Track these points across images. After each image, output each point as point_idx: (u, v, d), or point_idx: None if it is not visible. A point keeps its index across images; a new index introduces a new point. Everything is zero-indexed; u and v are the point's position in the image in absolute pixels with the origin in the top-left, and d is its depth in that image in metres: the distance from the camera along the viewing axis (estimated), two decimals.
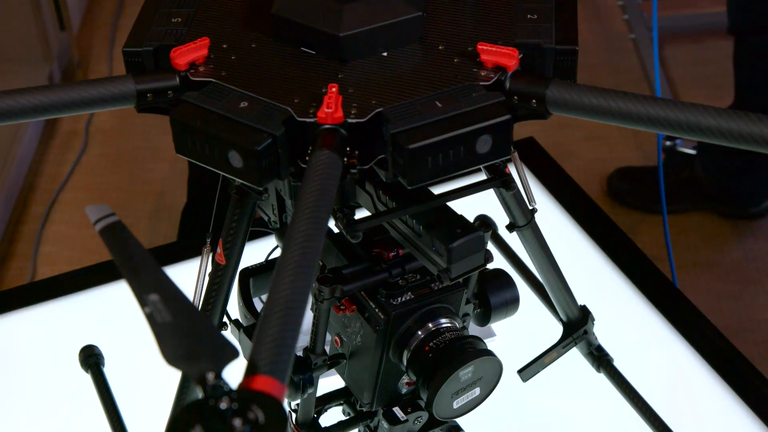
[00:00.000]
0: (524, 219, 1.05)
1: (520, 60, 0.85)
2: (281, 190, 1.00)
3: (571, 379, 1.41)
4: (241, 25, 0.92)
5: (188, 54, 0.86)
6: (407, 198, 0.88)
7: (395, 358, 0.95)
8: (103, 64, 2.91)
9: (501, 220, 1.10)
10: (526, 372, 1.19)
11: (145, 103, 0.86)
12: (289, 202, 1.00)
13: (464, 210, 1.34)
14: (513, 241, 1.22)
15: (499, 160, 0.87)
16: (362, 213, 0.91)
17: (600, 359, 1.26)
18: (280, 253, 0.71)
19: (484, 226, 0.92)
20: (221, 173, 0.83)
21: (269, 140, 0.79)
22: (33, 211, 2.47)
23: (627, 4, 3.03)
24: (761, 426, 1.42)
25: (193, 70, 0.86)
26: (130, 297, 0.65)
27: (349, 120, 0.81)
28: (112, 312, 1.57)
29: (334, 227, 0.92)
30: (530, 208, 1.04)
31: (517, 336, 1.00)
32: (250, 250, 1.05)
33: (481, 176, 0.97)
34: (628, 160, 2.53)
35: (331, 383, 1.07)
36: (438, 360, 0.92)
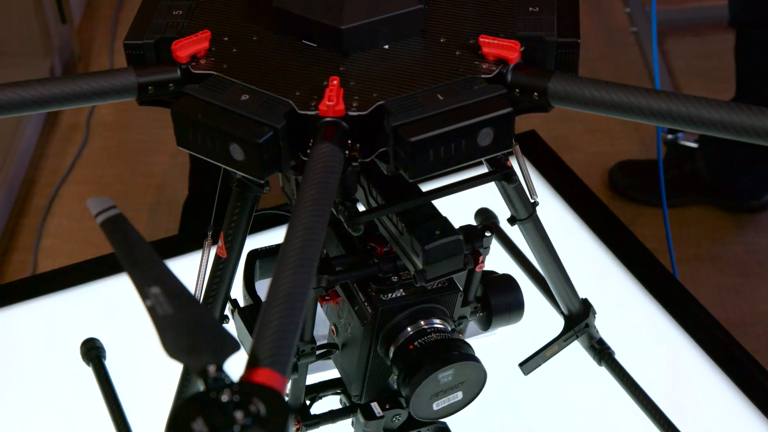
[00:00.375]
0: (526, 212, 1.04)
1: (522, 53, 0.85)
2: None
3: (572, 373, 1.41)
4: (242, 18, 0.92)
5: (189, 47, 0.86)
6: (395, 195, 0.88)
7: (382, 352, 0.95)
8: (104, 58, 2.91)
9: (502, 213, 1.10)
10: (528, 365, 1.19)
11: (147, 96, 0.86)
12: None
13: (466, 203, 1.35)
14: (514, 235, 1.22)
15: (500, 153, 0.87)
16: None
17: (601, 352, 1.26)
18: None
19: (472, 235, 0.91)
20: (222, 166, 0.83)
21: (271, 133, 0.79)
22: (34, 204, 2.47)
23: None
24: (762, 418, 1.42)
25: (194, 63, 0.86)
26: (132, 290, 0.65)
27: (351, 113, 0.81)
28: (113, 305, 1.57)
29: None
30: (532, 201, 1.04)
31: (518, 329, 1.00)
32: (252, 243, 1.05)
33: (483, 169, 0.97)
34: (629, 154, 2.53)
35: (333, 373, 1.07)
36: (419, 359, 0.92)
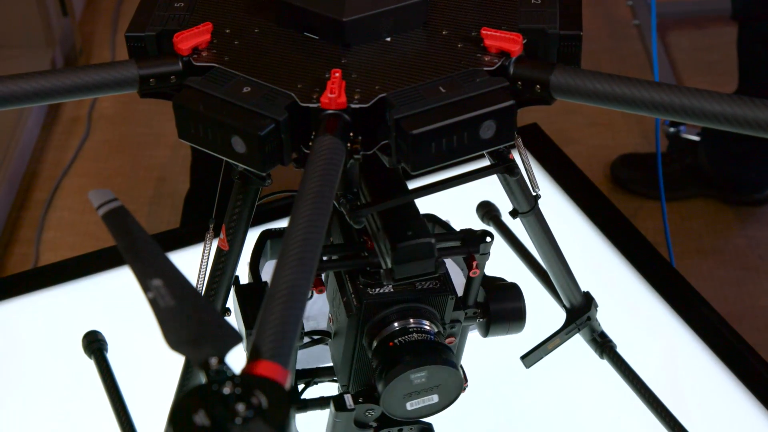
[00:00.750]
0: (528, 205, 1.04)
1: (524, 45, 0.85)
2: None
3: (574, 365, 1.41)
4: (243, 11, 0.92)
5: (191, 39, 0.86)
6: (382, 192, 0.88)
7: (366, 345, 0.95)
8: (105, 50, 2.91)
9: (504, 206, 1.09)
10: (529, 358, 1.19)
11: (148, 88, 0.86)
12: None
13: (467, 196, 1.35)
14: (516, 228, 1.22)
15: (502, 146, 0.86)
16: None
17: (603, 345, 1.26)
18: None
19: (468, 240, 0.92)
20: (224, 158, 0.83)
21: (272, 125, 0.79)
22: (36, 197, 2.47)
23: None
24: (763, 410, 1.42)
25: (195, 55, 0.86)
26: (133, 282, 0.65)
27: (353, 105, 0.81)
28: (115, 297, 1.57)
29: None
30: (534, 194, 1.04)
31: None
32: (253, 235, 1.05)
33: (485, 162, 0.97)
34: (631, 147, 2.53)
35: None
36: (394, 357, 0.92)
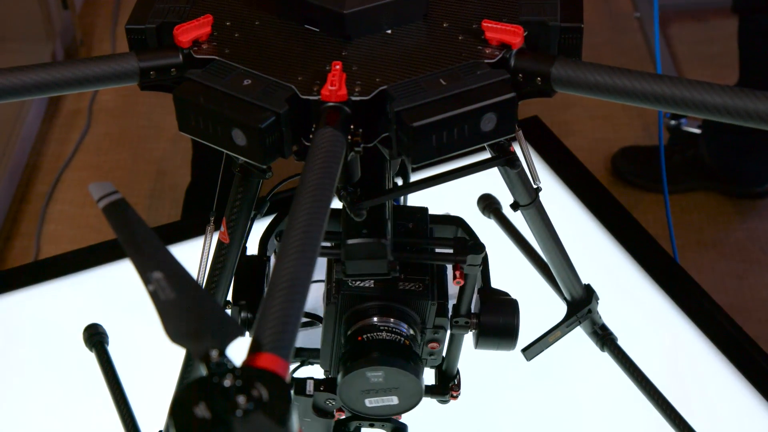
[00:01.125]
0: (528, 198, 1.04)
1: (525, 37, 0.85)
2: None
3: (574, 358, 1.41)
4: (244, 3, 0.91)
5: (191, 31, 0.86)
6: (373, 189, 0.88)
7: (343, 334, 0.96)
8: (106, 43, 2.90)
9: (505, 198, 1.09)
10: (530, 351, 1.19)
11: (148, 81, 0.86)
12: None
13: (468, 188, 1.34)
14: (517, 220, 1.22)
15: (503, 139, 0.86)
16: None
17: (604, 338, 1.26)
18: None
19: (457, 248, 0.92)
20: (225, 151, 0.83)
21: (273, 118, 0.79)
22: (36, 190, 2.47)
23: None
24: (764, 402, 1.42)
25: (196, 48, 0.86)
26: (134, 275, 0.65)
27: (353, 98, 0.80)
28: (116, 290, 1.57)
29: None
30: (534, 186, 1.04)
31: (521, 315, 1.00)
32: (260, 228, 1.04)
33: (486, 155, 0.97)
34: (632, 140, 2.53)
35: None
36: (356, 351, 0.93)
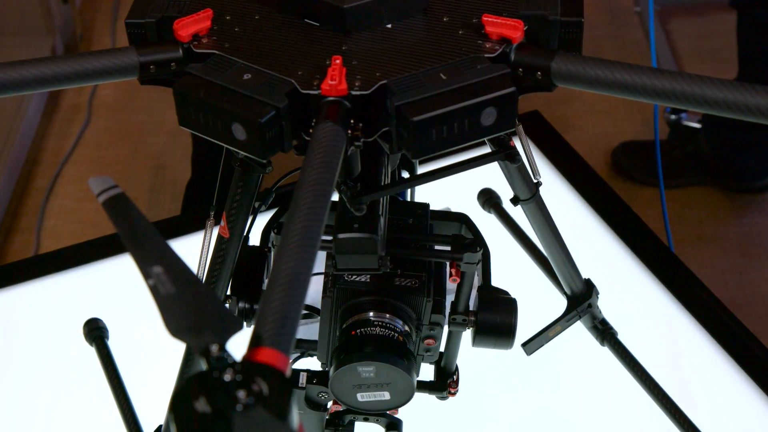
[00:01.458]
0: (529, 192, 1.04)
1: (525, 32, 0.85)
2: None
3: (574, 353, 1.41)
4: None
5: (191, 26, 0.86)
6: (373, 184, 0.88)
7: (337, 327, 0.96)
8: (105, 37, 2.90)
9: (505, 193, 1.09)
10: (530, 345, 1.19)
11: (148, 75, 0.86)
12: None
13: (468, 183, 1.34)
14: (517, 215, 1.22)
15: (503, 133, 0.86)
16: None
17: (604, 333, 1.26)
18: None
19: (455, 246, 0.92)
20: (225, 146, 0.83)
21: (273, 112, 0.79)
22: (36, 184, 2.47)
23: None
24: (763, 396, 1.42)
25: (196, 42, 0.86)
26: (134, 270, 0.65)
27: (353, 92, 0.80)
28: (115, 285, 1.57)
29: None
30: (535, 181, 1.04)
31: (521, 309, 1.00)
32: (262, 222, 1.04)
33: (486, 149, 0.97)
34: (632, 134, 2.53)
35: None
36: (350, 346, 0.93)
